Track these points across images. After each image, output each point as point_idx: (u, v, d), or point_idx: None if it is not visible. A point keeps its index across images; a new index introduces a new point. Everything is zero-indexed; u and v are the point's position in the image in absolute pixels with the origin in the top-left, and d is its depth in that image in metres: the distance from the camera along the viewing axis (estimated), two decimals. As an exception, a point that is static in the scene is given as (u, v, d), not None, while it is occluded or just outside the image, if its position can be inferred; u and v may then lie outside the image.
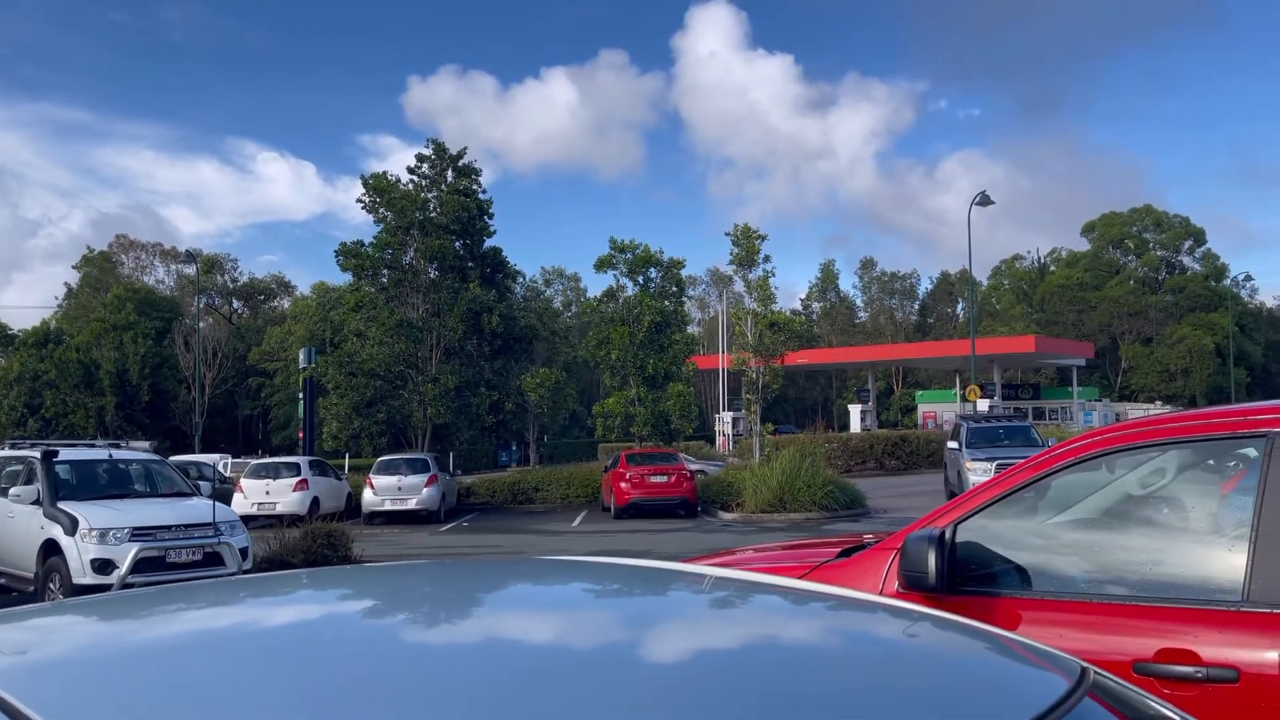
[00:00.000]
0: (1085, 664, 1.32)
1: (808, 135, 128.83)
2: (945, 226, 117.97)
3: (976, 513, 3.13)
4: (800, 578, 2.99)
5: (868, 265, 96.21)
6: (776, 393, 28.79)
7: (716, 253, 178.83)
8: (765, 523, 20.52)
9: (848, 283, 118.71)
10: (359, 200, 30.76)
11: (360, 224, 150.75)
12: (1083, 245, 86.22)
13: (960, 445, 20.75)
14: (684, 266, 29.90)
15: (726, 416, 50.34)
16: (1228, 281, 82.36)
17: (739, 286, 29.80)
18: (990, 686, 1.25)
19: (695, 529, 19.89)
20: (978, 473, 18.60)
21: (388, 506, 22.71)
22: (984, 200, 36.21)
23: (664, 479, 22.24)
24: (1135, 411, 57.76)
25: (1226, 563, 2.65)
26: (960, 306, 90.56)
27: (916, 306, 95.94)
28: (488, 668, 1.20)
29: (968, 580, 3.02)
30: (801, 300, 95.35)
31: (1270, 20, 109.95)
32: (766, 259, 26.84)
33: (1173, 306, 76.86)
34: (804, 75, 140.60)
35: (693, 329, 72.05)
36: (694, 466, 25.73)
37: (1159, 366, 73.44)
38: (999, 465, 17.51)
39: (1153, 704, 1.32)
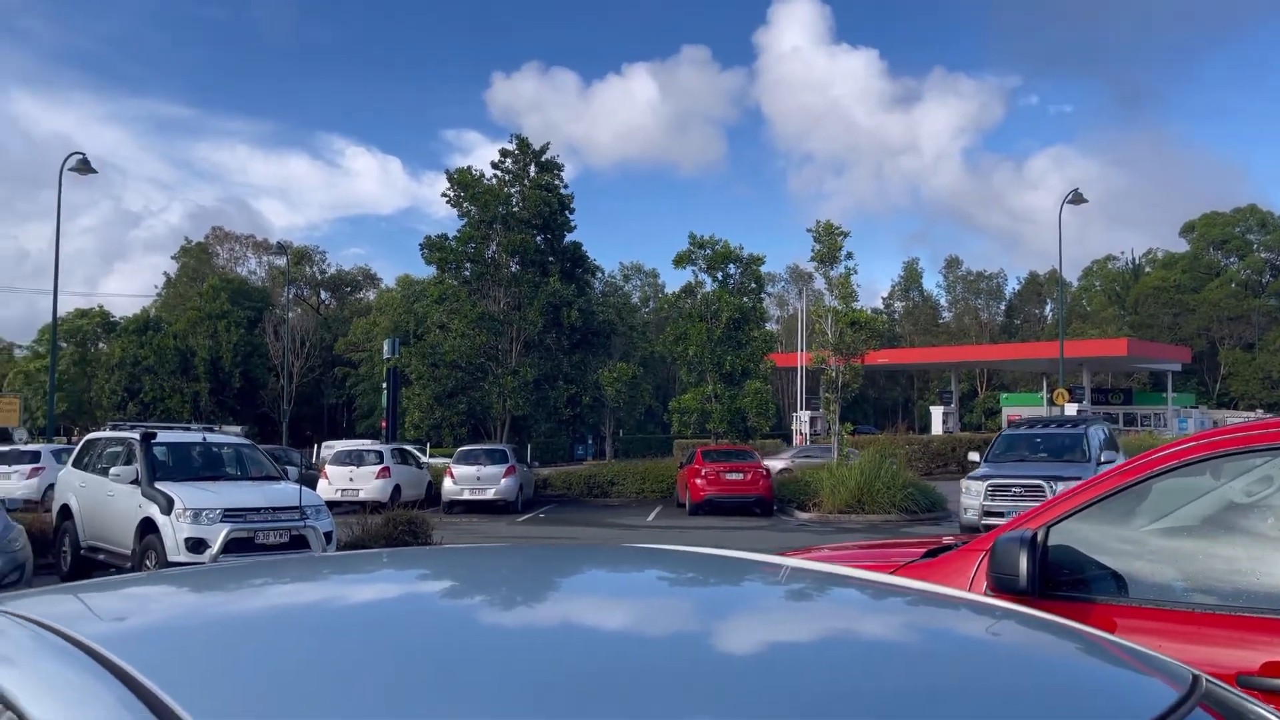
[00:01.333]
0: (1197, 672, 1.25)
1: (891, 131, 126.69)
2: (1034, 225, 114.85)
3: (1071, 515, 3.02)
4: (891, 575, 2.93)
5: (952, 264, 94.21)
6: (856, 392, 28.36)
7: (795, 249, 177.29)
8: (842, 523, 20.27)
9: (931, 282, 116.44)
10: (444, 195, 31.31)
11: (443, 218, 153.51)
12: (1181, 246, 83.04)
13: (982, 456, 17.83)
14: (763, 263, 29.70)
15: (804, 415, 49.86)
16: (1338, 285, 78.32)
17: (819, 284, 29.44)
18: (1097, 691, 1.20)
19: (770, 527, 19.75)
20: (970, 493, 15.96)
21: (467, 496, 23.06)
22: (1077, 198, 35.09)
23: (740, 476, 22.11)
24: (1234, 419, 55.42)
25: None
26: (1049, 308, 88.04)
27: (1003, 307, 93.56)
28: (571, 651, 1.19)
29: (1060, 585, 2.92)
30: (883, 299, 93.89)
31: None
32: (848, 256, 26.45)
33: (1277, 311, 73.47)
34: (888, 70, 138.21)
35: (771, 326, 71.59)
36: (778, 463, 25.55)
37: (1260, 373, 70.29)
38: (993, 486, 15.54)
39: (1271, 718, 1.25)
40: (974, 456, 18.35)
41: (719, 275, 29.24)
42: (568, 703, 0.97)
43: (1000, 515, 14.88)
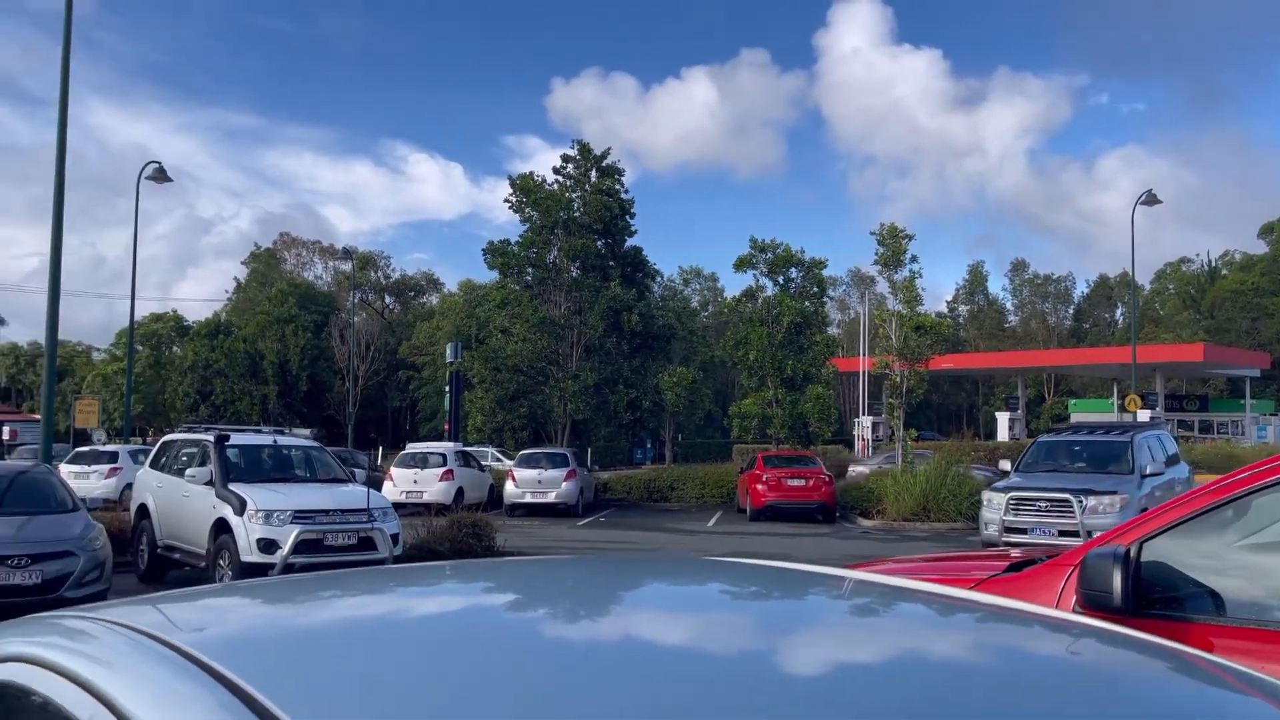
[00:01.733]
0: None
1: (955, 132, 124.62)
2: (1103, 227, 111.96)
3: (1165, 531, 2.91)
4: (971, 590, 2.85)
5: (1019, 267, 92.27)
6: (920, 398, 27.94)
7: (856, 252, 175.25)
8: (907, 531, 19.95)
9: (997, 285, 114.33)
10: (506, 200, 31.62)
11: (503, 223, 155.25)
12: (1259, 247, 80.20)
13: (1013, 465, 16.20)
14: (825, 266, 29.45)
15: (866, 421, 49.22)
16: None
17: (881, 287, 29.13)
18: None
19: (833, 535, 19.52)
20: (991, 506, 14.54)
21: (528, 499, 23.21)
22: (1150, 199, 34.15)
23: (802, 482, 21.90)
24: (1317, 428, 53.32)
25: None
26: (1119, 311, 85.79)
27: (1071, 311, 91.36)
28: (647, 668, 1.17)
29: (1153, 603, 2.82)
30: (947, 302, 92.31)
31: None
32: (913, 259, 26.08)
33: (1363, 314, 70.59)
34: (952, 70, 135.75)
35: (832, 330, 70.86)
36: (864, 468, 25.13)
37: (1346, 379, 67.56)
38: (1015, 499, 14.06)
39: None
40: (1005, 465, 16.57)
41: (780, 279, 29.06)
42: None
43: (1023, 531, 13.84)
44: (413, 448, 25.75)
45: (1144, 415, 40.46)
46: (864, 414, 50.05)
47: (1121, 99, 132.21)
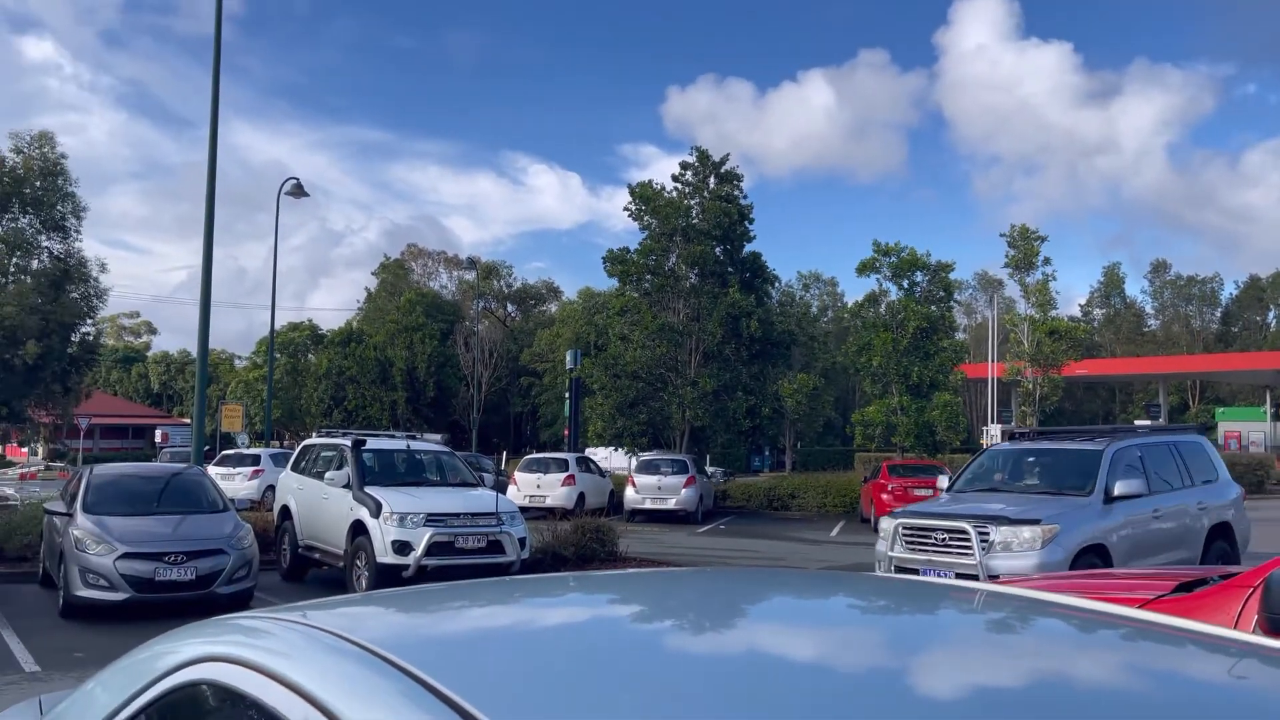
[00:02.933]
0: None
1: (1087, 128, 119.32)
2: (1253, 225, 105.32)
3: (1361, 553, 2.68)
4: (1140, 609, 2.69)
5: (1159, 268, 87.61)
6: (1054, 405, 26.84)
7: (981, 255, 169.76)
8: (1041, 544, 19.13)
9: (1135, 288, 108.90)
10: (625, 208, 31.86)
11: (620, 231, 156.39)
12: None
13: (949, 483, 12.52)
14: (952, 269, 28.59)
15: (995, 429, 47.53)
16: None
17: (1011, 291, 28.13)
18: None
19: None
20: (883, 537, 10.81)
21: (648, 505, 23.31)
22: (1308, 193, 31.92)
23: (929, 493, 21.27)
24: None
25: None
26: (1272, 314, 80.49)
27: (1218, 314, 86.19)
28: (785, 687, 1.15)
29: (1350, 629, 2.59)
30: (1081, 306, 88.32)
31: None
32: (1046, 261, 25.17)
33: None
34: (1083, 64, 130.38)
35: (959, 335, 68.69)
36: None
37: None
38: (906, 528, 10.48)
39: None
40: (942, 482, 12.95)
41: (904, 283, 28.39)
42: None
43: (914, 572, 9.83)
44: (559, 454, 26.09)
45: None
46: (993, 422, 48.37)
47: (1271, 88, 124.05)
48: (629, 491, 23.70)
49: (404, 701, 1.02)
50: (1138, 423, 29.07)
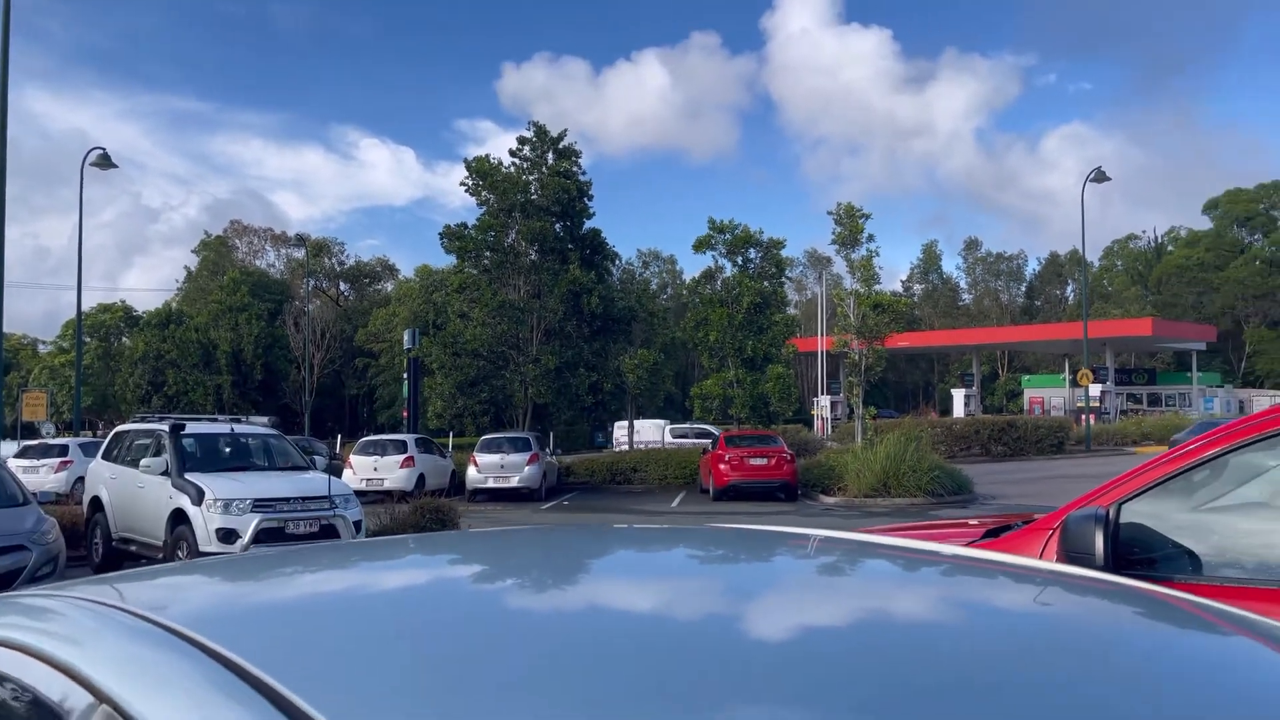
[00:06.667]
0: None
1: (905, 113, 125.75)
2: (1053, 205, 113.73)
3: (1143, 492, 2.93)
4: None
5: (972, 246, 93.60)
6: (878, 376, 28.20)
7: (811, 233, 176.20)
8: (869, 507, 20.16)
9: (950, 264, 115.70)
10: (462, 183, 31.26)
11: (458, 208, 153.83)
12: (1204, 224, 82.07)
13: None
14: (784, 246, 29.51)
15: (824, 400, 49.64)
16: (1366, 261, 77.29)
17: (838, 267, 29.32)
18: (1249, 681, 1.11)
19: (796, 512, 19.66)
20: None
21: (491, 484, 23.09)
22: (1100, 176, 34.73)
23: (764, 461, 22.01)
24: (1262, 399, 54.79)
25: None
26: (1070, 288, 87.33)
27: (1023, 288, 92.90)
28: (612, 632, 1.14)
29: (1132, 564, 2.83)
30: (902, 282, 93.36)
31: None
32: (870, 238, 26.26)
33: (1304, 287, 72.50)
34: (901, 51, 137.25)
35: (790, 310, 70.77)
36: None
37: (1287, 351, 69.46)
38: None
39: None
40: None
41: (739, 260, 29.10)
42: (607, 686, 0.93)
43: None
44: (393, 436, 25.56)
45: (1095, 390, 41.23)
46: (822, 393, 50.47)
47: (1069, 78, 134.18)
48: (471, 471, 23.40)
49: (212, 691, 0.89)
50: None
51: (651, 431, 39.43)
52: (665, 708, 0.86)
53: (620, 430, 40.10)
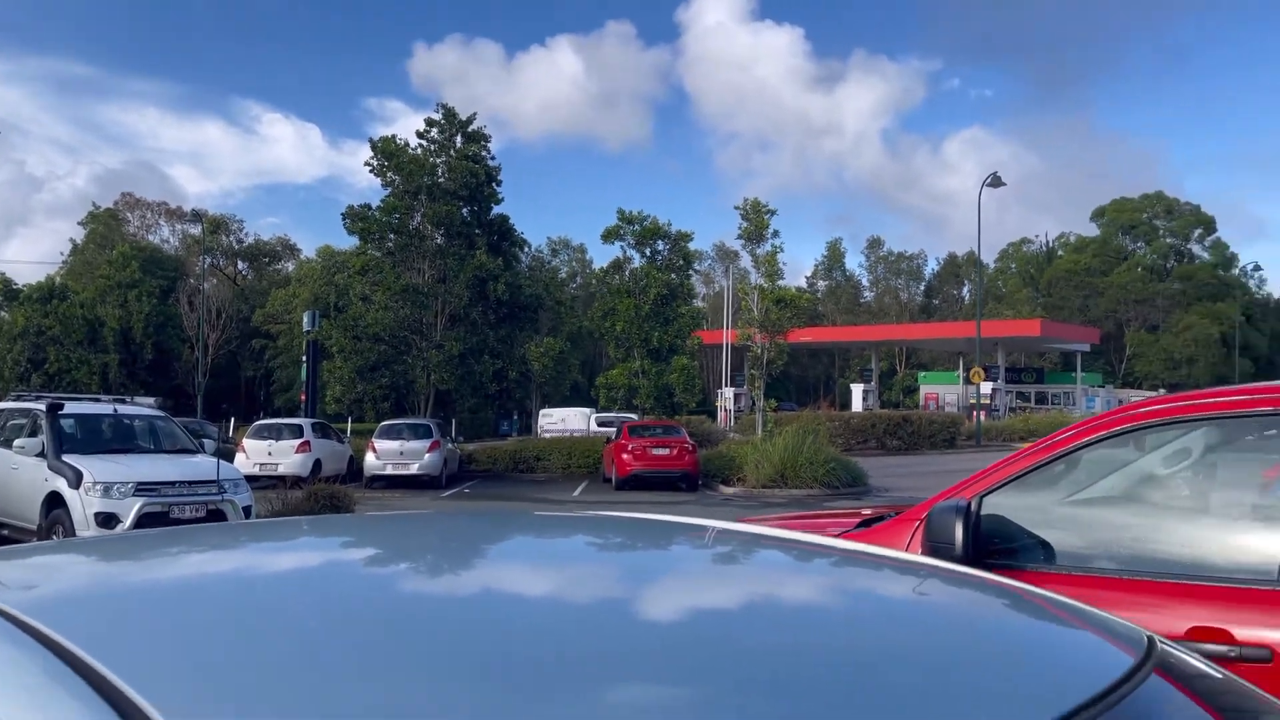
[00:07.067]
0: (1152, 634, 1.26)
1: (816, 111, 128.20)
2: (954, 207, 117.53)
3: (1002, 486, 3.08)
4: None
5: (874, 245, 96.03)
6: (780, 369, 28.74)
7: (722, 227, 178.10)
8: (767, 498, 20.54)
9: (854, 262, 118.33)
10: (367, 164, 30.64)
11: (364, 188, 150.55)
12: (1092, 230, 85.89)
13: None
14: (691, 239, 29.80)
15: (728, 392, 50.36)
16: (1236, 271, 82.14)
17: (745, 261, 29.76)
18: (1049, 655, 1.20)
19: (696, 502, 19.92)
20: None
21: (389, 471, 22.74)
22: (995, 181, 35.99)
23: (666, 451, 22.23)
24: (1136, 398, 57.62)
25: (1262, 543, 2.60)
26: (966, 289, 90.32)
27: (922, 288, 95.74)
28: (487, 615, 1.16)
29: (991, 554, 2.97)
30: (807, 278, 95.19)
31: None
32: (775, 234, 26.73)
33: (1180, 295, 76.53)
34: (813, 51, 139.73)
35: (698, 303, 71.47)
36: None
37: (1164, 354, 73.25)
38: None
39: (1221, 677, 1.26)
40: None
41: (647, 251, 29.25)
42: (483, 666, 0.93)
43: None
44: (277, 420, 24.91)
45: (986, 388, 42.78)
46: (727, 385, 51.18)
47: (972, 84, 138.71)
48: (369, 457, 22.99)
49: (40, 680, 0.84)
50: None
51: (577, 420, 39.46)
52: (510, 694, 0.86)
53: (545, 418, 40.19)
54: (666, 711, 0.86)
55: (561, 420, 39.57)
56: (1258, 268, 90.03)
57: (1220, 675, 1.28)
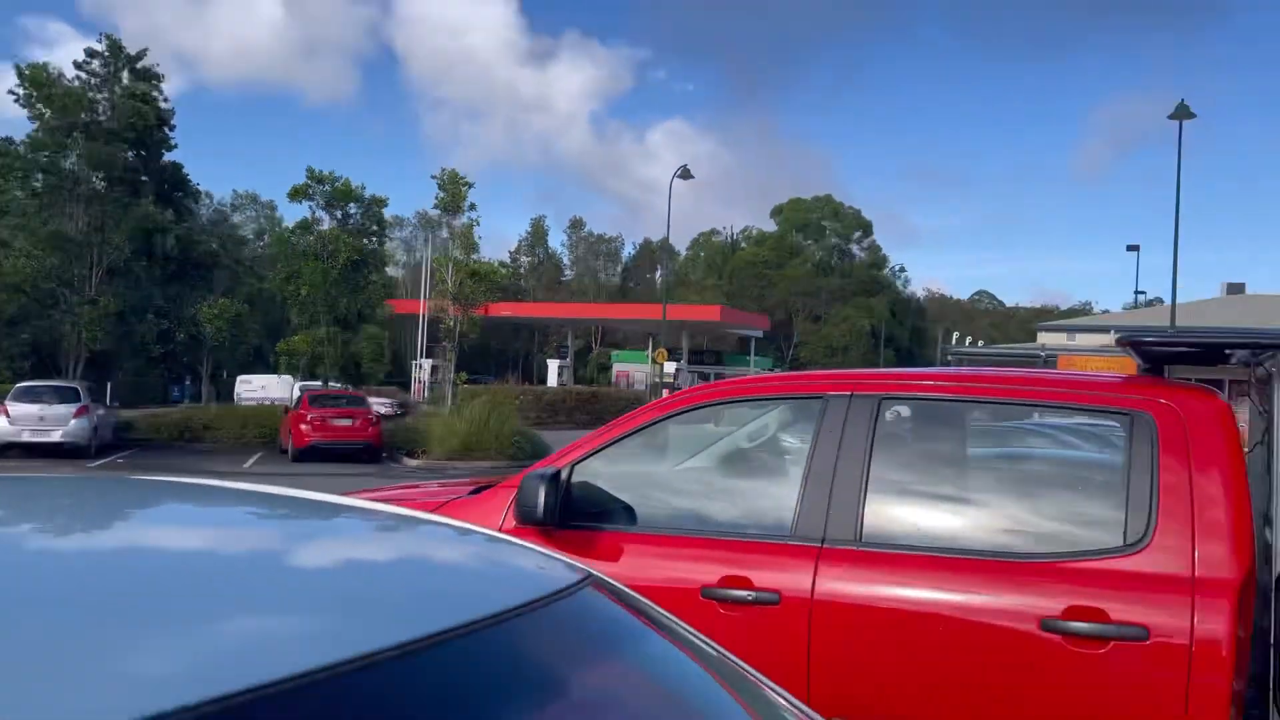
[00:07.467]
0: (591, 571, 1.53)
1: (526, 87, 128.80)
2: (653, 194, 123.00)
3: (594, 454, 3.41)
4: (433, 511, 3.11)
5: (576, 225, 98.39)
6: (475, 342, 28.82)
7: (427, 194, 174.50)
8: (450, 469, 20.57)
9: (557, 240, 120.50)
10: (11, 92, 26.92)
11: (11, 118, 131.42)
12: (772, 226, 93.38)
13: None
14: (387, 205, 28.97)
15: (425, 364, 49.57)
16: (886, 271, 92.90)
17: (446, 233, 29.43)
18: (516, 579, 1.45)
19: (377, 474, 19.55)
20: None
21: (26, 438, 20.33)
22: (685, 174, 38.10)
23: (348, 422, 21.63)
24: (801, 382, 63.57)
25: (785, 504, 3.10)
26: (660, 273, 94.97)
27: (619, 270, 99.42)
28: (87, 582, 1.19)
29: (578, 516, 3.29)
30: (511, 253, 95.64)
31: (958, 32, 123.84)
32: (472, 207, 26.68)
33: (840, 290, 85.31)
34: (527, 25, 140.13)
35: (397, 272, 69.88)
36: None
37: (824, 342, 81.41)
38: None
39: (647, 604, 1.56)
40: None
41: (339, 214, 28.09)
42: None
43: None
44: None
45: (670, 368, 45.37)
46: (422, 357, 50.38)
47: (676, 77, 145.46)
48: (1, 422, 20.39)
49: None
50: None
51: (280, 388, 36.82)
52: None
53: (244, 385, 37.33)
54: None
55: (262, 388, 36.99)
56: (903, 269, 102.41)
57: (650, 606, 1.58)
